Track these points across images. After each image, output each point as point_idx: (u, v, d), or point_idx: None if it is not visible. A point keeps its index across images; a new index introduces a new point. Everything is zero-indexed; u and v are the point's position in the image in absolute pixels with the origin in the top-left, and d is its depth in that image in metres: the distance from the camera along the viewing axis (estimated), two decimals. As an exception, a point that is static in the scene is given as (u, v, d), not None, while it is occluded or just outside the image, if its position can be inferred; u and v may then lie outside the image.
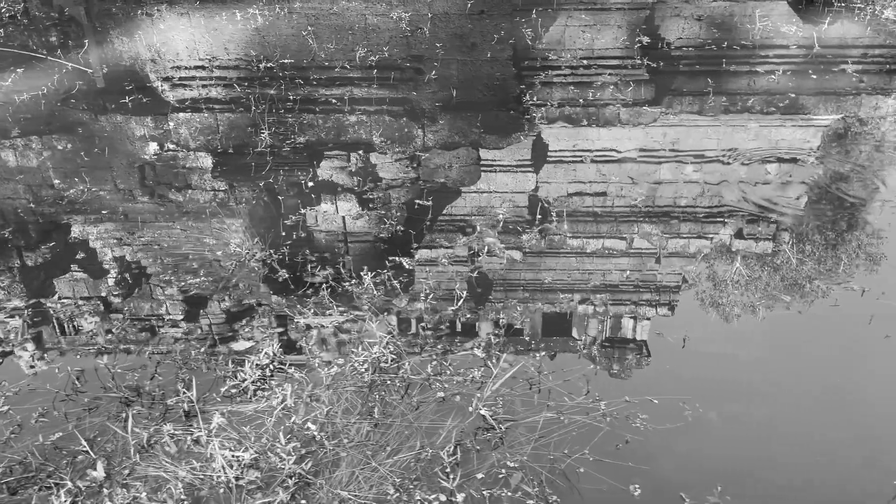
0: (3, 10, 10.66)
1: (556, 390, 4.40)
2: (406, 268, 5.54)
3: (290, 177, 6.74)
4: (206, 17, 10.63)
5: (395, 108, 8.05)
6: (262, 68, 8.96)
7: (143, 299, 5.36)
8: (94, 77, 8.96)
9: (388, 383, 4.44)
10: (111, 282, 5.54)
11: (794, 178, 6.53)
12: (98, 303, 5.31)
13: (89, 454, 3.96)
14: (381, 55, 9.25)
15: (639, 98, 8.10)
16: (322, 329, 4.94)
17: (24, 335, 4.98)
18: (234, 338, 4.93)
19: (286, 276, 5.44)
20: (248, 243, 5.84)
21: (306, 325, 4.98)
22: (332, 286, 5.31)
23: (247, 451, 3.93)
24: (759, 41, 9.36)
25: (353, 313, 5.06)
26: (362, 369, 4.50)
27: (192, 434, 4.08)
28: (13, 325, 5.05)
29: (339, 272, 5.47)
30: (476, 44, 9.68)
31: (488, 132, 7.53)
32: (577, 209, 6.26)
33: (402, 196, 6.46)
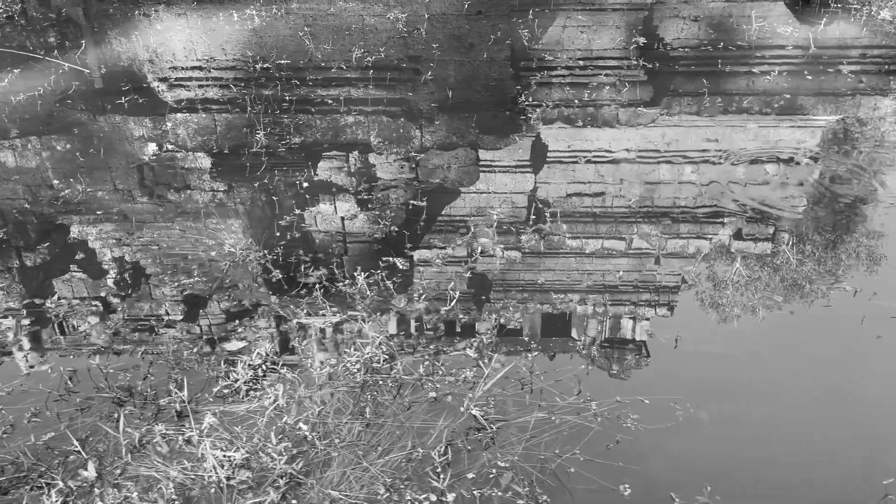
0: (0, 10, 10.67)
1: (547, 390, 4.40)
2: (400, 268, 5.54)
3: (285, 177, 6.74)
4: (204, 17, 10.64)
5: (392, 109, 8.06)
6: (258, 69, 8.97)
7: (136, 299, 5.37)
8: (93, 77, 8.97)
9: (381, 383, 4.45)
10: (105, 282, 5.55)
11: (786, 178, 6.54)
12: (92, 303, 5.32)
13: (81, 454, 3.97)
14: (377, 56, 9.26)
15: (635, 99, 8.11)
16: (316, 329, 4.95)
17: (19, 336, 4.98)
18: (227, 338, 4.94)
19: (280, 276, 5.45)
20: (243, 244, 5.84)
21: (300, 326, 4.99)
22: (325, 287, 5.31)
23: (238, 451, 3.94)
24: (756, 42, 9.37)
25: (347, 314, 5.07)
26: (354, 369, 4.51)
27: (183, 434, 4.08)
28: (7, 326, 5.06)
29: (332, 273, 5.48)
30: (474, 44, 9.68)
31: (486, 133, 7.54)
32: (574, 210, 6.27)
33: (399, 197, 6.47)
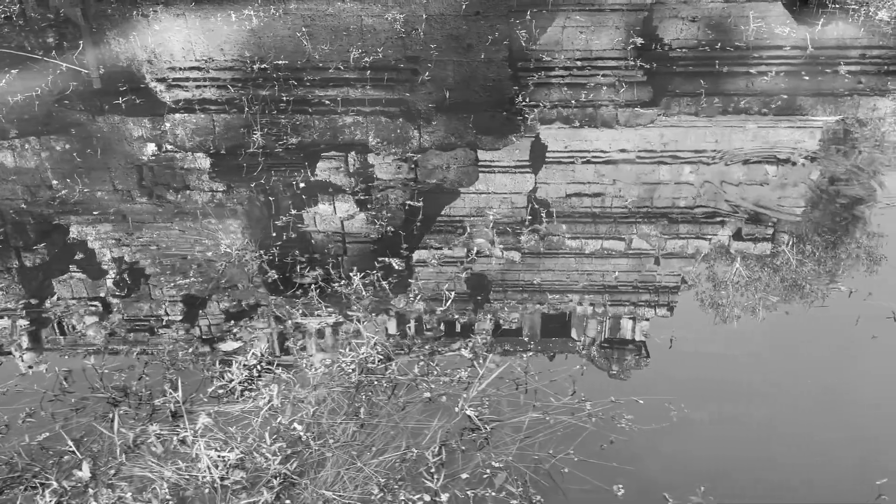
0: (-2, 11, 10.68)
1: (542, 390, 4.41)
2: (396, 269, 5.54)
3: (281, 178, 6.74)
4: (202, 18, 10.65)
5: (390, 110, 8.06)
6: (255, 69, 8.98)
7: (132, 300, 5.37)
8: (91, 78, 8.97)
9: (375, 384, 4.45)
10: (100, 282, 5.55)
11: (782, 178, 6.54)
12: (87, 303, 5.32)
13: (75, 454, 3.97)
14: (375, 56, 9.27)
15: (632, 99, 8.11)
16: (312, 330, 4.96)
17: (14, 336, 4.99)
18: (223, 338, 4.94)
19: (276, 277, 5.45)
20: (239, 244, 5.85)
21: (295, 326, 4.99)
22: (321, 287, 5.32)
23: (232, 451, 3.94)
24: (754, 42, 9.37)
25: (344, 314, 5.07)
26: (349, 370, 4.51)
27: (178, 434, 4.08)
28: (2, 326, 5.06)
29: (328, 273, 5.48)
30: (472, 45, 9.69)
31: (484, 133, 7.54)
32: (573, 210, 6.27)
33: (397, 197, 6.47)
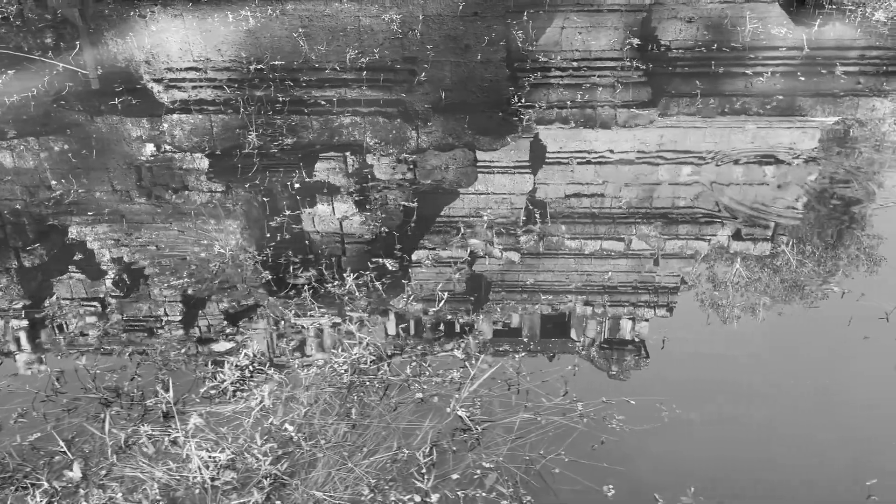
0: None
1: (534, 391, 4.41)
2: (391, 269, 5.54)
3: (276, 179, 6.75)
4: (199, 18, 10.65)
5: (388, 110, 8.06)
6: (252, 70, 8.98)
7: (126, 300, 5.37)
8: (90, 79, 8.98)
9: (367, 384, 4.45)
10: (94, 283, 5.55)
11: (773, 179, 6.54)
12: (80, 304, 5.33)
13: (66, 455, 3.97)
14: (371, 57, 9.27)
15: (633, 100, 8.11)
16: (306, 330, 4.96)
17: (5, 336, 4.99)
18: (216, 339, 4.94)
19: (269, 277, 5.46)
20: (232, 245, 5.85)
21: (289, 327, 4.99)
22: (315, 288, 5.32)
23: (223, 451, 3.94)
24: (751, 43, 9.37)
25: (336, 314, 5.08)
26: (341, 370, 4.51)
27: (169, 435, 4.09)
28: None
29: (322, 274, 5.48)
30: (469, 45, 9.69)
31: (481, 134, 7.54)
32: (568, 210, 6.27)
33: (393, 198, 6.47)
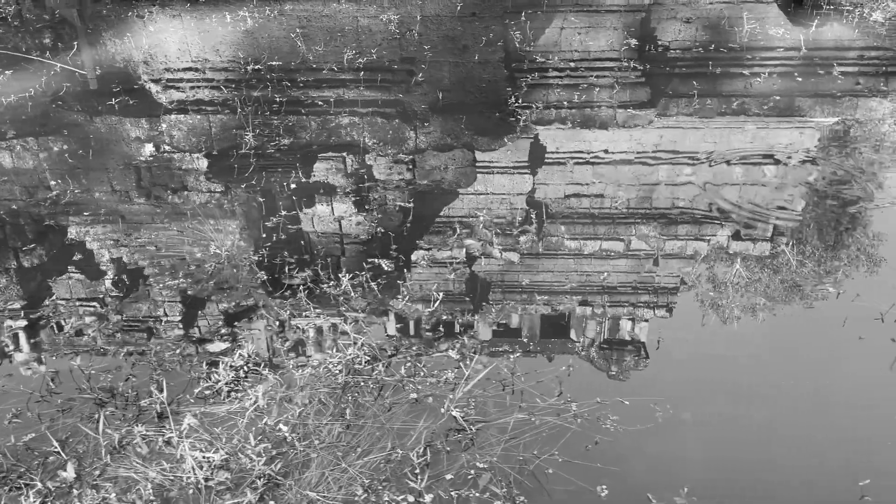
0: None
1: (528, 391, 4.41)
2: (387, 270, 5.54)
3: (272, 179, 6.75)
4: (197, 19, 10.66)
5: (386, 111, 8.06)
6: (249, 70, 8.99)
7: (121, 301, 5.37)
8: (88, 79, 8.99)
9: (362, 385, 4.45)
10: (88, 283, 5.56)
11: (764, 179, 6.55)
12: (75, 304, 5.33)
13: (61, 455, 3.97)
14: (369, 57, 9.27)
15: (632, 101, 8.11)
16: (301, 331, 4.96)
17: (2, 337, 5.00)
18: (211, 339, 4.94)
19: (265, 278, 5.46)
20: (228, 245, 5.85)
21: (284, 327, 5.00)
22: (311, 288, 5.32)
23: (217, 452, 3.94)
24: (749, 44, 9.38)
25: (332, 314, 5.08)
26: (336, 370, 4.52)
27: (163, 435, 4.09)
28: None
29: (318, 274, 5.48)
30: (468, 46, 9.69)
31: (478, 134, 7.54)
32: (567, 211, 6.28)
33: (387, 198, 6.47)
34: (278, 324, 5.02)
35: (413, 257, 5.73)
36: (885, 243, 5.66)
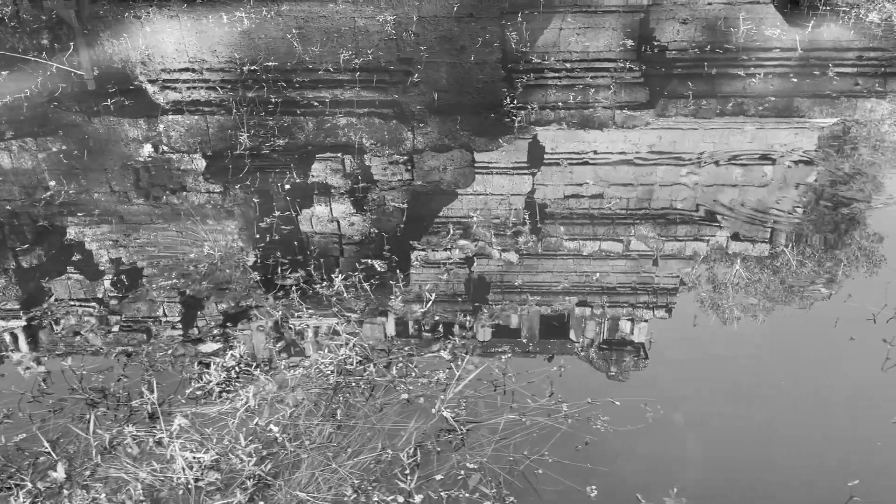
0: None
1: (519, 392, 4.41)
2: (381, 270, 5.55)
3: (266, 179, 6.75)
4: (194, 19, 10.67)
5: (383, 111, 8.07)
6: (245, 71, 8.99)
7: (114, 301, 5.38)
8: (85, 79, 9.00)
9: (353, 385, 4.45)
10: (81, 283, 5.56)
11: (752, 179, 6.55)
12: (67, 304, 5.33)
13: (51, 455, 3.98)
14: (365, 58, 9.27)
15: (630, 101, 8.11)
16: (292, 331, 4.97)
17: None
18: (203, 339, 4.95)
19: (257, 278, 5.46)
20: (220, 245, 5.85)
21: (276, 327, 5.00)
22: (303, 289, 5.32)
23: (207, 452, 3.94)
24: (745, 45, 9.37)
25: (324, 315, 5.08)
26: (327, 371, 4.52)
27: (154, 436, 4.09)
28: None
29: (310, 275, 5.49)
30: (465, 47, 9.70)
31: (476, 135, 7.54)
32: (565, 211, 6.28)
33: (382, 198, 6.48)
34: (271, 324, 5.02)
35: (407, 258, 5.73)
36: (884, 243, 5.65)
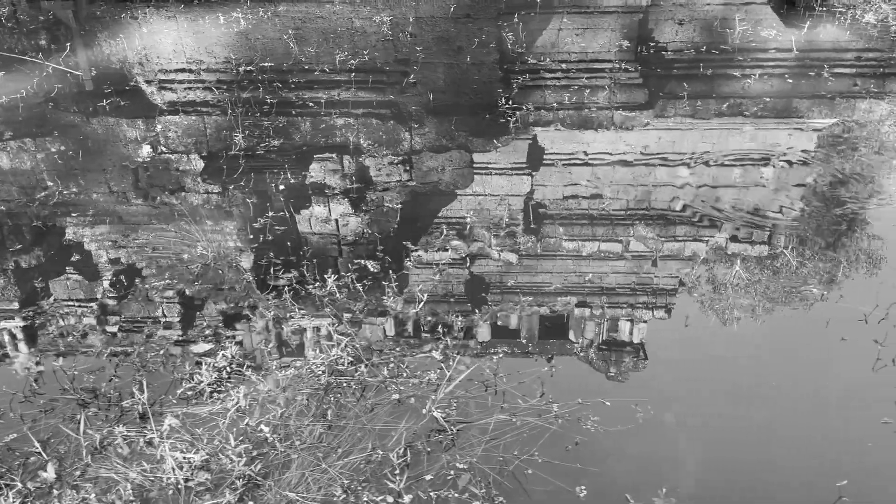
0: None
1: (510, 392, 4.41)
2: (373, 271, 5.55)
3: (261, 180, 6.76)
4: (191, 20, 10.67)
5: (380, 112, 8.07)
6: (241, 72, 9.00)
7: (105, 301, 5.38)
8: (82, 80, 9.00)
9: (344, 385, 4.46)
10: (73, 283, 5.57)
11: (741, 180, 6.56)
12: (60, 304, 5.34)
13: (42, 455, 3.98)
14: (361, 59, 9.28)
15: (628, 102, 8.11)
16: (286, 331, 4.97)
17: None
18: (195, 340, 4.95)
19: (251, 278, 5.47)
20: (213, 246, 5.86)
21: (268, 328, 5.00)
22: (295, 289, 5.33)
23: (198, 452, 3.95)
24: (741, 45, 9.37)
25: (316, 315, 5.09)
26: (319, 371, 4.52)
27: (144, 436, 4.09)
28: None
29: (303, 275, 5.49)
30: (462, 47, 9.70)
31: (473, 136, 7.54)
32: (562, 212, 6.29)
33: (377, 200, 6.48)
34: (263, 325, 5.03)
35: (406, 259, 5.74)
36: (877, 244, 5.65)
